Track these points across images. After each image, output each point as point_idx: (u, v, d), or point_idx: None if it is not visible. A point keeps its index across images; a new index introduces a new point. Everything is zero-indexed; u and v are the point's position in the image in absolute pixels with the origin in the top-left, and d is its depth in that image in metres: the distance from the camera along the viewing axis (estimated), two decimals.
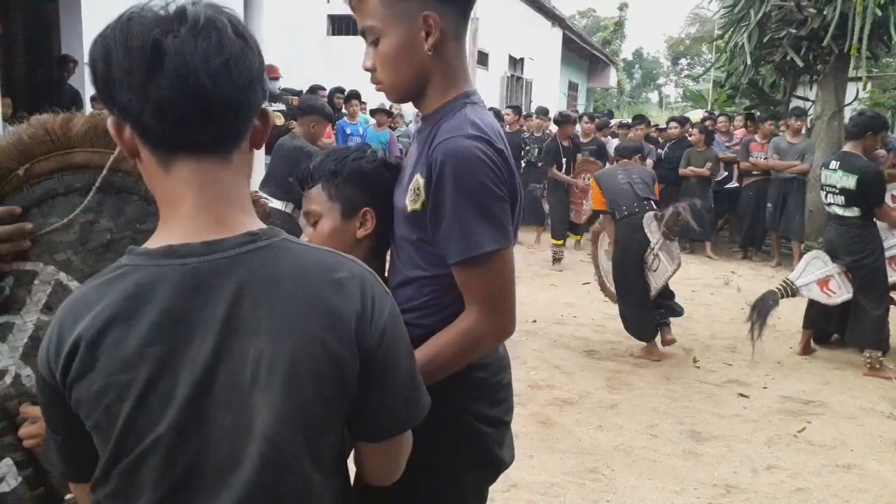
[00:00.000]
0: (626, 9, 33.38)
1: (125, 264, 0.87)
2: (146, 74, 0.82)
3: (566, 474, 3.19)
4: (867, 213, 4.67)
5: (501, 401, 1.45)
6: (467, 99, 1.35)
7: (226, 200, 0.90)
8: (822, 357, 5.09)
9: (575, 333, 5.42)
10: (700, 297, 6.82)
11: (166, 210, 0.91)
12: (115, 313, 0.84)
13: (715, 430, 3.76)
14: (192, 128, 0.86)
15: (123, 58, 0.82)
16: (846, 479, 3.29)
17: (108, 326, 0.84)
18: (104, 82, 0.85)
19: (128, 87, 0.83)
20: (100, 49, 0.85)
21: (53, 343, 0.86)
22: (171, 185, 0.89)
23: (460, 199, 1.24)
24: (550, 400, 4.05)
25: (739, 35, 9.51)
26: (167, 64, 0.82)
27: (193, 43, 0.83)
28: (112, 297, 0.85)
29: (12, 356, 1.22)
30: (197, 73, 0.82)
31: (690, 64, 37.88)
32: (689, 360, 4.91)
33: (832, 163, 4.83)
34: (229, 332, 0.85)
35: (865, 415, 4.06)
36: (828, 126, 8.96)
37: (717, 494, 3.09)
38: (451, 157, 1.24)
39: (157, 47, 0.82)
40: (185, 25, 0.83)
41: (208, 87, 0.83)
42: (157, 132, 0.86)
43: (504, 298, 1.31)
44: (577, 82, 24.07)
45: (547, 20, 18.63)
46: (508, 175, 1.29)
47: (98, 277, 0.89)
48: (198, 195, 0.88)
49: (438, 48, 1.32)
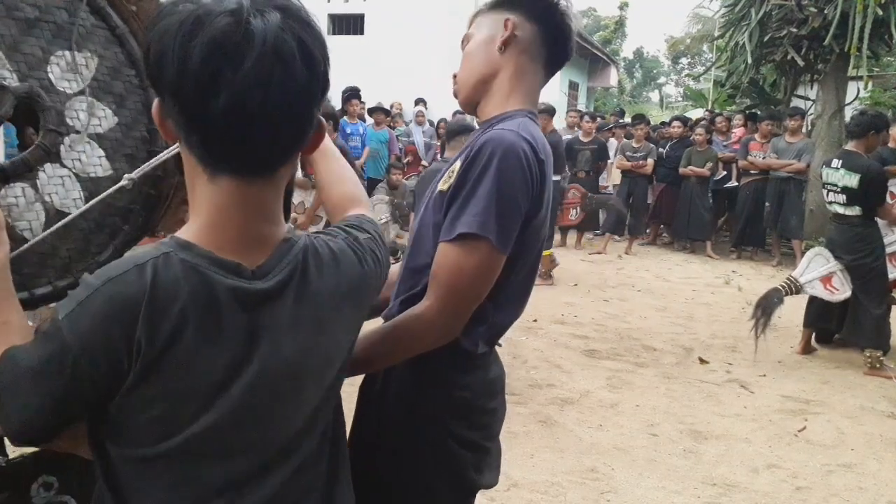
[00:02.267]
0: (626, 8, 33.37)
1: (183, 259, 0.84)
2: (199, 101, 0.79)
3: (566, 473, 3.19)
4: (868, 212, 4.68)
5: (483, 426, 1.41)
6: (529, 115, 1.37)
7: (265, 217, 0.89)
8: (822, 356, 5.09)
9: (575, 333, 5.42)
10: (701, 297, 6.82)
11: (206, 211, 0.87)
12: (187, 310, 0.82)
13: (715, 429, 3.76)
14: (238, 158, 0.84)
15: (177, 71, 0.78)
16: (846, 478, 3.29)
17: (183, 323, 0.82)
18: (156, 71, 0.81)
19: (177, 100, 0.80)
20: (157, 36, 0.80)
21: (140, 303, 0.80)
22: (215, 194, 0.86)
23: (487, 184, 1.22)
24: (551, 399, 4.05)
25: (740, 34, 9.51)
26: (222, 99, 0.78)
27: (254, 80, 0.78)
28: (181, 289, 0.82)
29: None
30: (253, 116, 0.79)
31: (691, 63, 37.85)
32: (690, 360, 4.91)
33: (834, 161, 4.83)
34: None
35: (866, 414, 4.06)
36: (828, 125, 8.96)
37: (718, 493, 3.09)
38: (494, 142, 1.25)
39: (215, 78, 0.77)
40: (249, 54, 0.77)
41: (263, 128, 0.81)
42: (198, 151, 0.84)
43: (465, 295, 1.26)
44: (578, 81, 24.03)
45: None
46: (539, 187, 1.28)
47: (151, 253, 0.83)
48: (240, 212, 0.86)
49: (510, 51, 1.38)
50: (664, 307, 6.36)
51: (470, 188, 1.24)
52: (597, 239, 9.37)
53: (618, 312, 6.09)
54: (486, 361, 1.40)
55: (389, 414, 1.35)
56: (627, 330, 5.56)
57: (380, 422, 1.38)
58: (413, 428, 1.35)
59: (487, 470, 1.44)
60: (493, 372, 1.43)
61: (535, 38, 1.39)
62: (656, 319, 5.94)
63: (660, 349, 5.10)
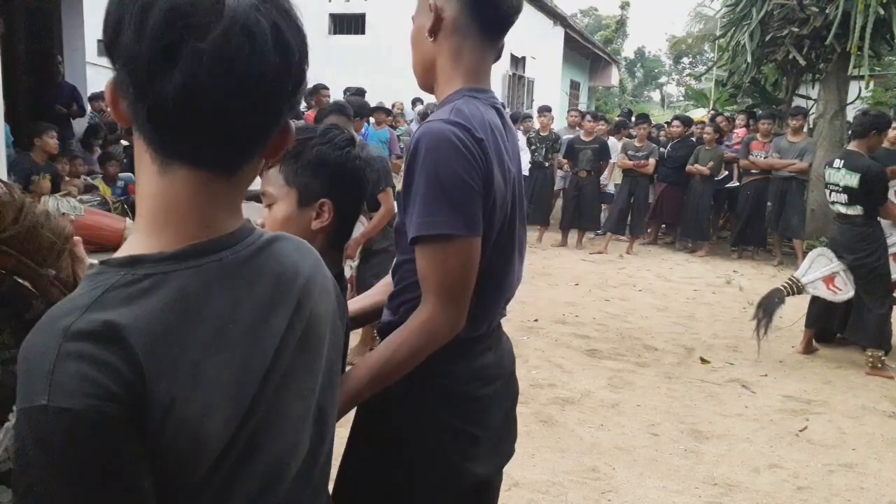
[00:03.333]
0: (627, 7, 33.36)
1: (148, 273, 0.72)
2: (153, 72, 0.69)
3: (567, 473, 3.19)
4: (870, 212, 4.67)
5: (468, 412, 1.40)
6: (468, 92, 1.36)
7: (227, 211, 0.80)
8: (823, 356, 5.09)
9: (576, 332, 5.42)
10: (702, 297, 6.82)
11: (154, 208, 0.76)
12: (167, 326, 0.71)
13: (716, 428, 3.76)
14: (193, 144, 0.74)
15: (133, 38, 0.69)
16: (848, 478, 3.29)
17: (162, 341, 0.71)
18: (111, 38, 0.72)
19: (130, 71, 0.70)
20: (114, 7, 0.71)
21: (110, 369, 0.67)
22: (166, 186, 0.75)
23: (427, 179, 1.24)
24: (552, 399, 4.05)
25: (741, 34, 9.51)
26: (177, 74, 0.68)
27: (217, 56, 0.68)
28: (155, 309, 0.71)
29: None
30: (211, 95, 0.69)
31: (692, 63, 37.84)
32: (691, 360, 4.91)
33: (836, 161, 4.82)
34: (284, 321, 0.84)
35: (867, 414, 4.05)
36: (830, 125, 8.96)
37: (719, 493, 3.09)
38: (425, 137, 1.26)
39: (174, 47, 0.68)
40: (216, 27, 0.68)
41: (221, 111, 0.71)
42: (150, 133, 0.74)
43: (458, 289, 1.28)
44: (579, 81, 24.02)
45: (548, 19, 18.59)
46: (485, 165, 1.27)
47: (108, 290, 0.71)
48: (196, 208, 0.76)
49: (441, 36, 1.36)
50: (665, 307, 6.36)
51: (415, 188, 1.26)
52: (598, 239, 9.37)
53: (619, 312, 6.09)
54: (470, 349, 1.40)
55: (378, 403, 1.36)
56: (629, 330, 5.56)
57: (371, 412, 1.40)
58: (400, 415, 1.38)
59: (480, 459, 1.43)
60: (486, 359, 1.43)
61: (461, 13, 1.36)
62: (657, 319, 5.93)
63: (661, 349, 5.10)
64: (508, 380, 1.52)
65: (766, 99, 11.03)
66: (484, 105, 1.36)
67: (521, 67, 18.00)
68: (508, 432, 1.56)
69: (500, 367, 1.48)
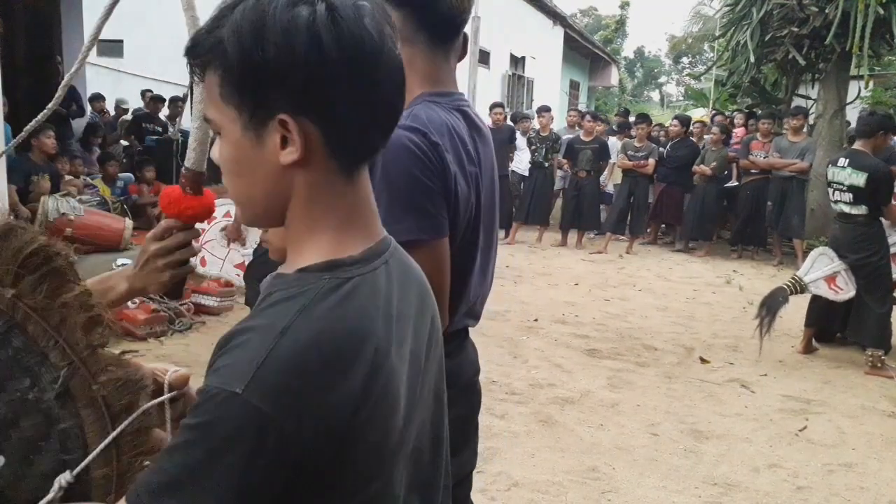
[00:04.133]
0: (627, 7, 33.36)
1: (351, 276, 0.78)
2: (371, 82, 0.76)
3: (567, 473, 3.19)
4: (874, 212, 4.68)
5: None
6: (428, 97, 1.36)
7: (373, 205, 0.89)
8: (823, 356, 5.09)
9: (576, 332, 5.42)
10: (702, 296, 6.82)
11: (340, 216, 0.81)
12: (375, 327, 0.77)
13: (716, 428, 3.76)
14: (383, 137, 0.83)
15: (350, 62, 0.74)
16: (847, 478, 3.29)
17: (366, 343, 0.75)
18: (305, 79, 0.74)
19: (348, 90, 0.75)
20: (304, 40, 0.73)
21: (340, 369, 0.72)
22: (352, 194, 0.82)
23: (386, 187, 1.24)
24: (552, 399, 4.05)
25: (741, 33, 9.51)
26: (382, 72, 0.77)
27: (394, 50, 0.79)
28: (367, 309, 0.77)
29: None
30: (400, 84, 0.80)
31: (692, 62, 37.83)
32: (691, 359, 4.91)
33: (841, 160, 4.82)
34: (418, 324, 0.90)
35: (867, 414, 4.06)
36: (829, 125, 8.96)
37: (718, 493, 3.09)
38: (385, 149, 1.27)
39: (375, 58, 0.76)
40: (383, 36, 0.78)
41: (397, 107, 0.82)
42: (352, 140, 0.79)
43: (436, 290, 1.26)
44: (579, 81, 24.04)
45: (548, 19, 18.60)
46: (442, 168, 1.28)
47: (329, 294, 0.75)
48: (370, 199, 0.86)
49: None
50: (665, 307, 6.36)
51: (379, 198, 1.26)
52: (597, 238, 9.37)
53: (619, 312, 6.09)
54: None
55: None
56: (628, 329, 5.56)
57: None
58: None
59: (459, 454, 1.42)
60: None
61: (404, 25, 1.34)
62: (657, 319, 5.94)
63: (661, 349, 5.10)
64: (465, 390, 1.50)
65: (765, 99, 11.04)
66: (445, 109, 1.35)
67: (521, 67, 17.99)
68: (465, 443, 1.51)
69: (456, 375, 1.43)
